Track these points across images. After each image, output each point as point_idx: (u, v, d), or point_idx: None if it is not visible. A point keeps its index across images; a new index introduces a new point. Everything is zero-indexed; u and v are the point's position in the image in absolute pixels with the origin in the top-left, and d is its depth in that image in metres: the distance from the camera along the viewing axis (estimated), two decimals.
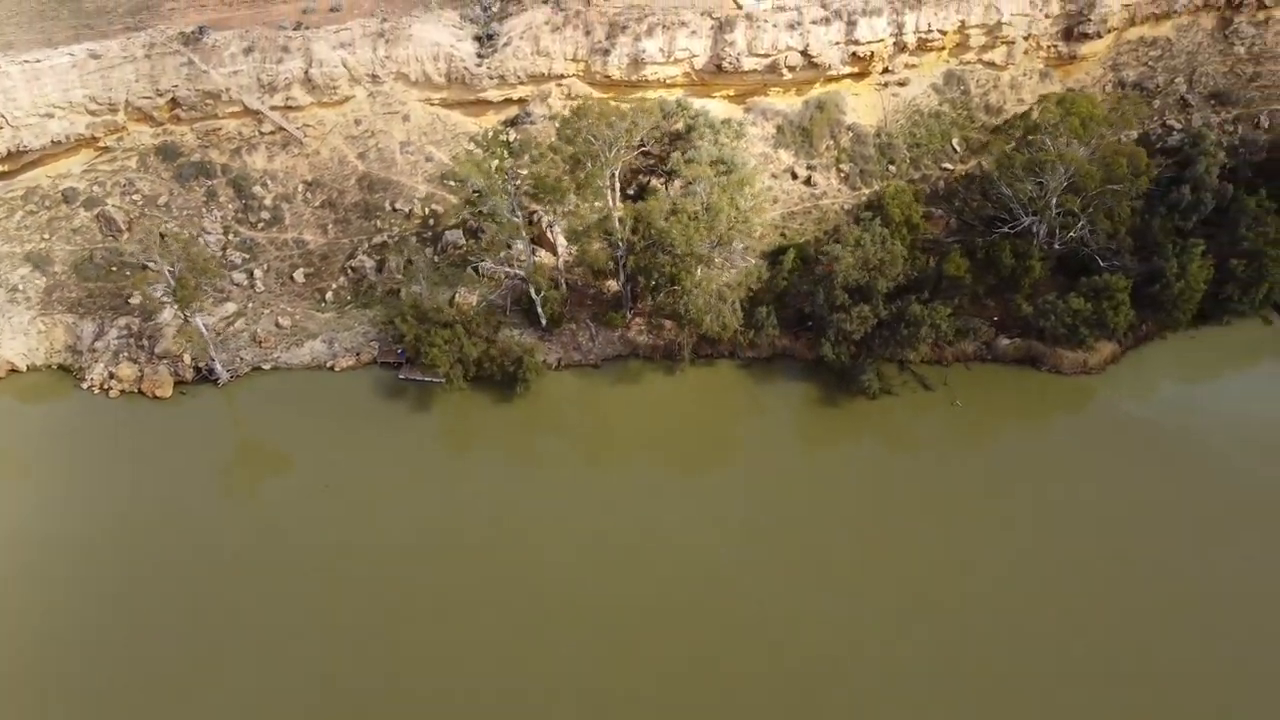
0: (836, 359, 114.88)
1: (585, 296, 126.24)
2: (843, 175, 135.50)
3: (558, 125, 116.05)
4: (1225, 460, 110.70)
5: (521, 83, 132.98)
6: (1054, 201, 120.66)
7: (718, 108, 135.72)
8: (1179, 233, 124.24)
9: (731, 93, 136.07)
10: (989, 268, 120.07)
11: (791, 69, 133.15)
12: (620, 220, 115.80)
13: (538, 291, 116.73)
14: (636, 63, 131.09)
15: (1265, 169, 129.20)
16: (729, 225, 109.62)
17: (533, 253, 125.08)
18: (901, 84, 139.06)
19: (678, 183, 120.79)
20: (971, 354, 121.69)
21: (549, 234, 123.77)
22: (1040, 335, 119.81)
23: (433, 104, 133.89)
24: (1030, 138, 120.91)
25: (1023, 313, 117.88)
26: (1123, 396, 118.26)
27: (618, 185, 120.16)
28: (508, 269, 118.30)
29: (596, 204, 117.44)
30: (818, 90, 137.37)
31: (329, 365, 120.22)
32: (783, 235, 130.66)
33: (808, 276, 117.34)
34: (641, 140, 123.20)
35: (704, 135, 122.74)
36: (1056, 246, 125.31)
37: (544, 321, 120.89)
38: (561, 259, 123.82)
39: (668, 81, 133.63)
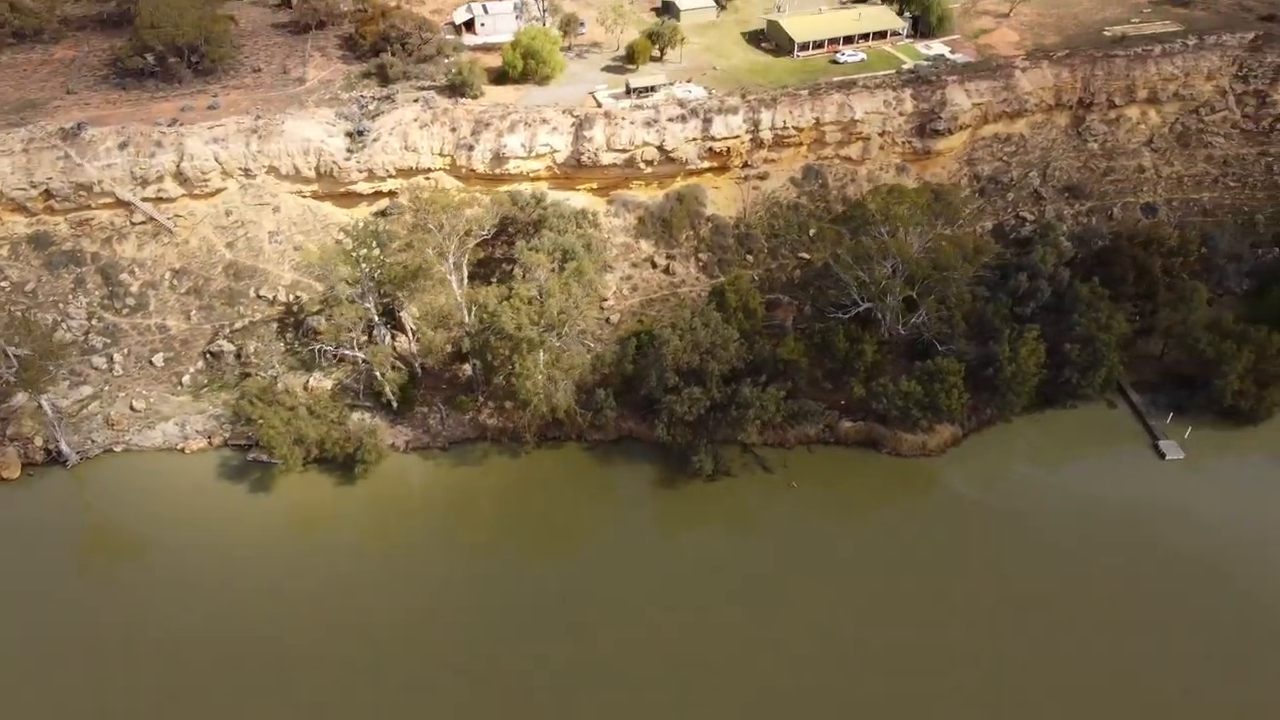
0: (672, 440, 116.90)
1: (440, 380, 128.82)
2: (701, 264, 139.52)
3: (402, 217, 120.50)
4: (1050, 544, 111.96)
5: (391, 176, 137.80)
6: (895, 288, 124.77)
7: (581, 200, 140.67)
8: (1017, 319, 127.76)
9: (594, 185, 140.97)
10: (826, 352, 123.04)
11: (649, 163, 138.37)
12: (465, 306, 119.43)
13: (382, 375, 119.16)
14: (499, 157, 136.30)
15: (1102, 257, 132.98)
16: (560, 311, 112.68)
17: (392, 338, 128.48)
18: (761, 177, 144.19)
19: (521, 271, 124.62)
20: (814, 437, 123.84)
21: (402, 320, 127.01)
22: (882, 419, 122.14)
23: (304, 196, 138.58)
24: (860, 228, 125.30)
25: (856, 396, 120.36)
26: (957, 480, 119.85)
27: (465, 272, 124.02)
28: (352, 353, 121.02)
29: (446, 292, 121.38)
30: (679, 183, 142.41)
31: (180, 447, 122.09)
32: (640, 321, 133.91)
33: (642, 360, 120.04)
34: (491, 230, 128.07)
35: (553, 226, 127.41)
36: (902, 332, 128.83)
37: (394, 405, 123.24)
38: (414, 344, 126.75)
39: (531, 175, 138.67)
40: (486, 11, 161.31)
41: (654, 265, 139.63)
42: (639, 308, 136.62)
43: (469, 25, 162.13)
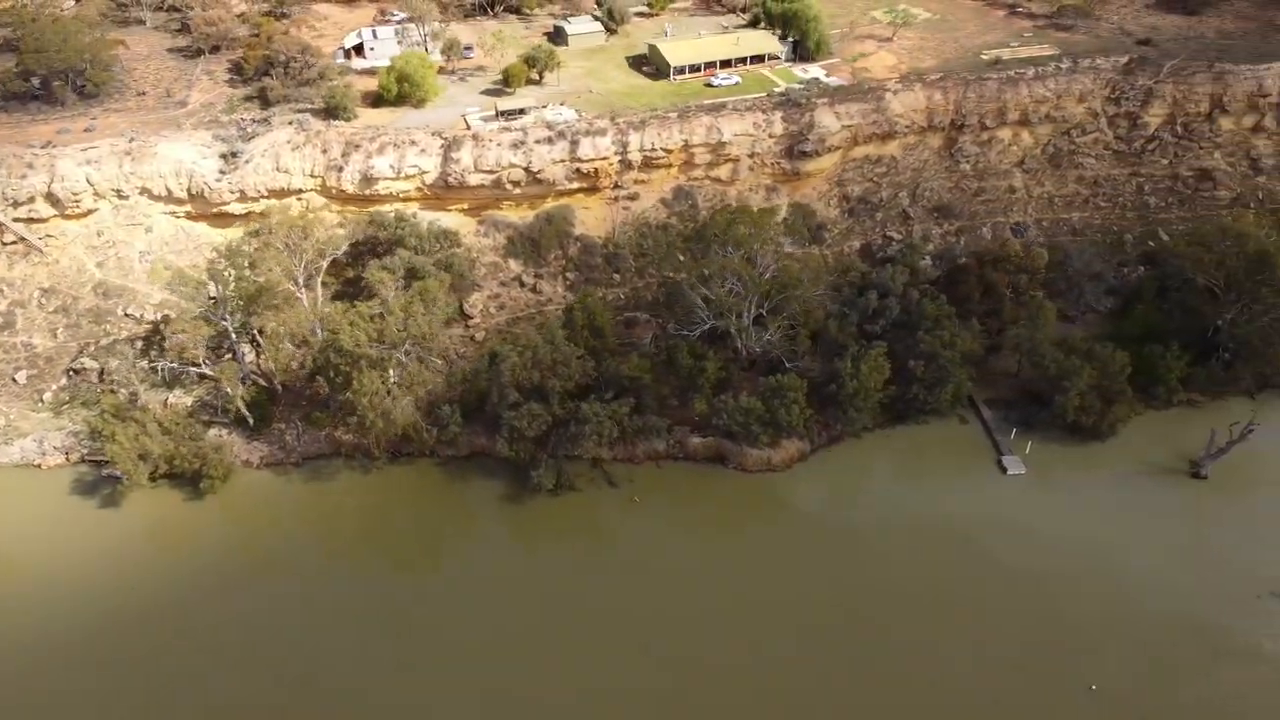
0: (516, 456, 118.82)
1: (301, 397, 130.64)
2: (569, 283, 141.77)
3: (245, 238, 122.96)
4: (883, 557, 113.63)
5: (264, 196, 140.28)
6: (747, 307, 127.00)
7: (452, 220, 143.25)
8: (866, 336, 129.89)
9: (465, 206, 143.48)
10: (672, 369, 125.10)
11: (516, 184, 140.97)
12: (318, 325, 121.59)
13: (231, 392, 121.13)
14: (368, 178, 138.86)
15: (952, 276, 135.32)
16: (400, 329, 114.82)
17: (257, 355, 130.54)
18: (632, 198, 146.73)
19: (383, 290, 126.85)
20: (663, 453, 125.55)
21: (259, 338, 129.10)
22: (730, 435, 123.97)
23: (178, 216, 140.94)
24: (707, 248, 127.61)
25: (699, 412, 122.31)
26: (798, 495, 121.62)
27: (319, 291, 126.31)
28: (199, 370, 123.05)
29: (300, 311, 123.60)
30: (550, 204, 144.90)
31: (37, 463, 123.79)
32: (504, 339, 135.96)
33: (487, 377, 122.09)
34: (346, 250, 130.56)
35: (410, 245, 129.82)
36: (756, 349, 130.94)
37: (251, 422, 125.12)
38: (271, 362, 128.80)
39: (401, 196, 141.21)
40: (376, 36, 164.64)
41: (522, 284, 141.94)
42: (505, 325, 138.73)
43: (358, 50, 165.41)
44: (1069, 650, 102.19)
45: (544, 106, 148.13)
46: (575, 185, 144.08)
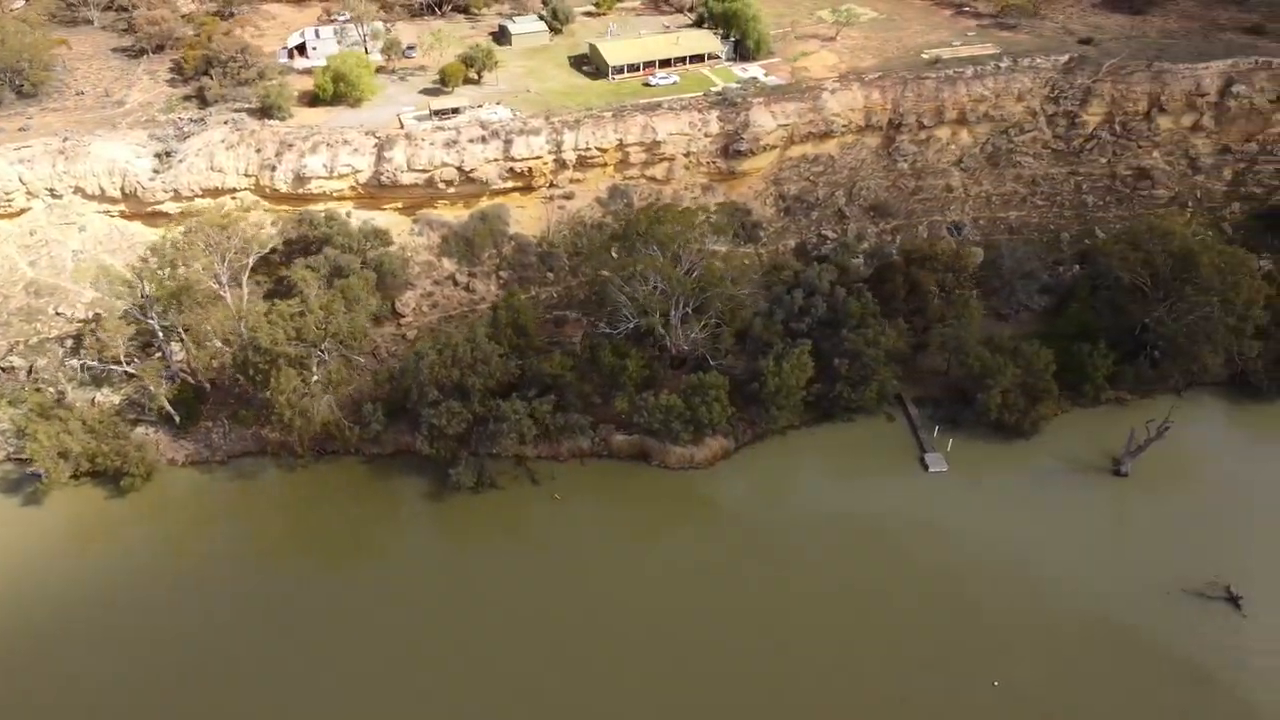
0: (436, 454, 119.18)
1: (229, 395, 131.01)
2: (502, 282, 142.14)
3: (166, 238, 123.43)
4: (798, 553, 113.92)
5: (198, 196, 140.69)
6: (675, 305, 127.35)
7: (386, 219, 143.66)
8: (793, 334, 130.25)
9: (399, 205, 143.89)
10: (595, 367, 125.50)
11: (449, 183, 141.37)
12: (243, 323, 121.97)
13: (154, 390, 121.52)
14: (301, 177, 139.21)
15: (879, 274, 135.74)
16: (318, 326, 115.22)
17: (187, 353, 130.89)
18: (567, 197, 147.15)
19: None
20: (587, 450, 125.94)
21: (185, 337, 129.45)
22: (653, 432, 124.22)
23: (112, 215, 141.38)
24: (632, 247, 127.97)
25: (620, 410, 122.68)
26: (719, 491, 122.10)
27: (245, 290, 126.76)
28: (126, 369, 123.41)
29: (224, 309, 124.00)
30: (485, 203, 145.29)
31: None
32: (435, 338, 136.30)
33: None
34: (275, 248, 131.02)
35: (338, 244, 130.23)
36: (685, 348, 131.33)
37: (177, 420, 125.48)
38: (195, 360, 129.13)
39: (335, 195, 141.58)
40: (318, 36, 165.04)
41: (455, 283, 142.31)
42: (437, 324, 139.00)
43: (301, 49, 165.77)
44: (979, 648, 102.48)
45: (479, 106, 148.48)
46: (510, 184, 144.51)
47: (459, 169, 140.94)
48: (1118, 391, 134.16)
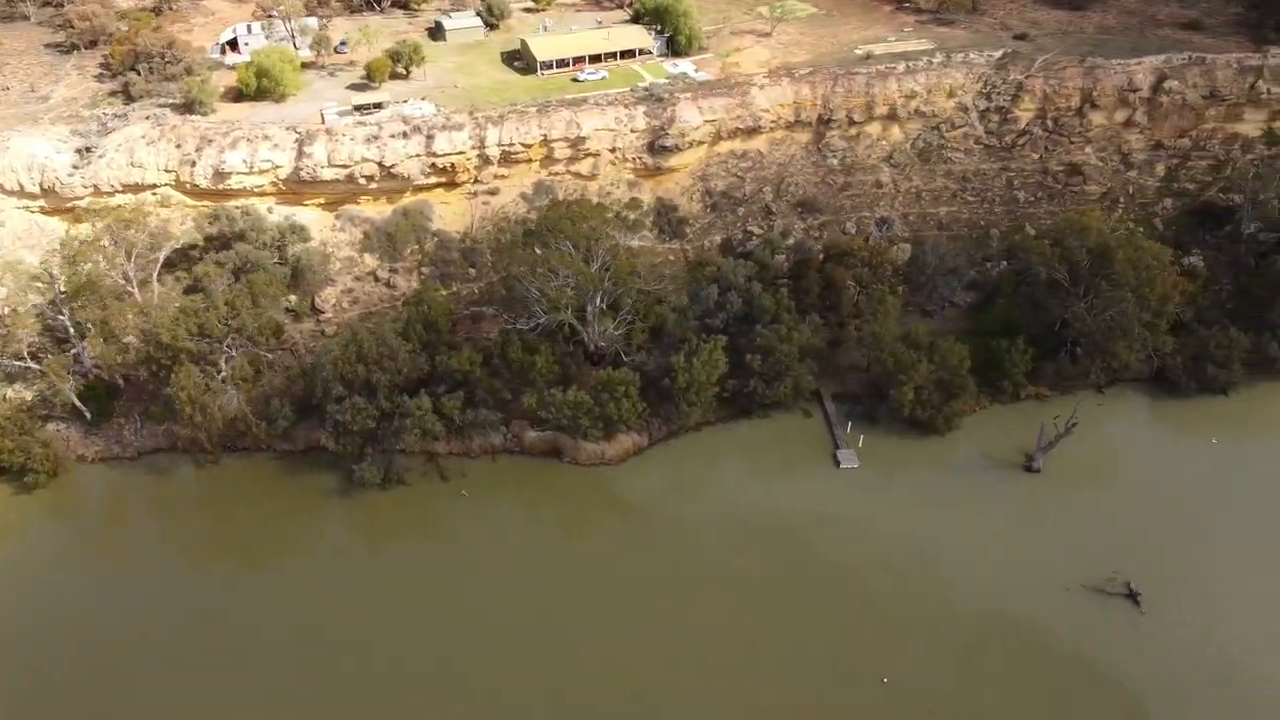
0: (342, 450, 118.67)
1: (144, 392, 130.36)
2: (424, 278, 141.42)
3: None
4: (707, 550, 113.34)
5: (119, 191, 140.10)
6: (591, 301, 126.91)
7: (309, 215, 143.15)
8: (708, 330, 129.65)
9: (322, 201, 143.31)
10: (504, 363, 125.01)
11: (369, 179, 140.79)
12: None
13: (61, 386, 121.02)
14: (220, 173, 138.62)
15: (794, 270, 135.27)
16: (222, 323, 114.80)
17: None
18: (492, 193, 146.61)
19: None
20: (499, 446, 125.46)
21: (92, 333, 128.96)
22: (565, 429, 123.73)
23: (31, 211, 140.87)
24: (543, 243, 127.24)
25: (527, 406, 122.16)
26: (627, 488, 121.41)
27: (155, 285, 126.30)
28: (29, 365, 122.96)
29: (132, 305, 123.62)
30: (408, 199, 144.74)
31: None
32: (355, 335, 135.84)
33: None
34: (197, 245, 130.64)
35: (252, 240, 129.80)
36: (602, 344, 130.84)
37: (88, 416, 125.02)
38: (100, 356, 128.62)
39: (256, 190, 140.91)
40: (250, 31, 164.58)
41: (376, 279, 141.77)
42: (357, 320, 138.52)
43: (233, 45, 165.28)
44: (873, 645, 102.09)
45: (404, 101, 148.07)
46: (433, 180, 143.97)
47: (380, 165, 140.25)
48: (1038, 388, 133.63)
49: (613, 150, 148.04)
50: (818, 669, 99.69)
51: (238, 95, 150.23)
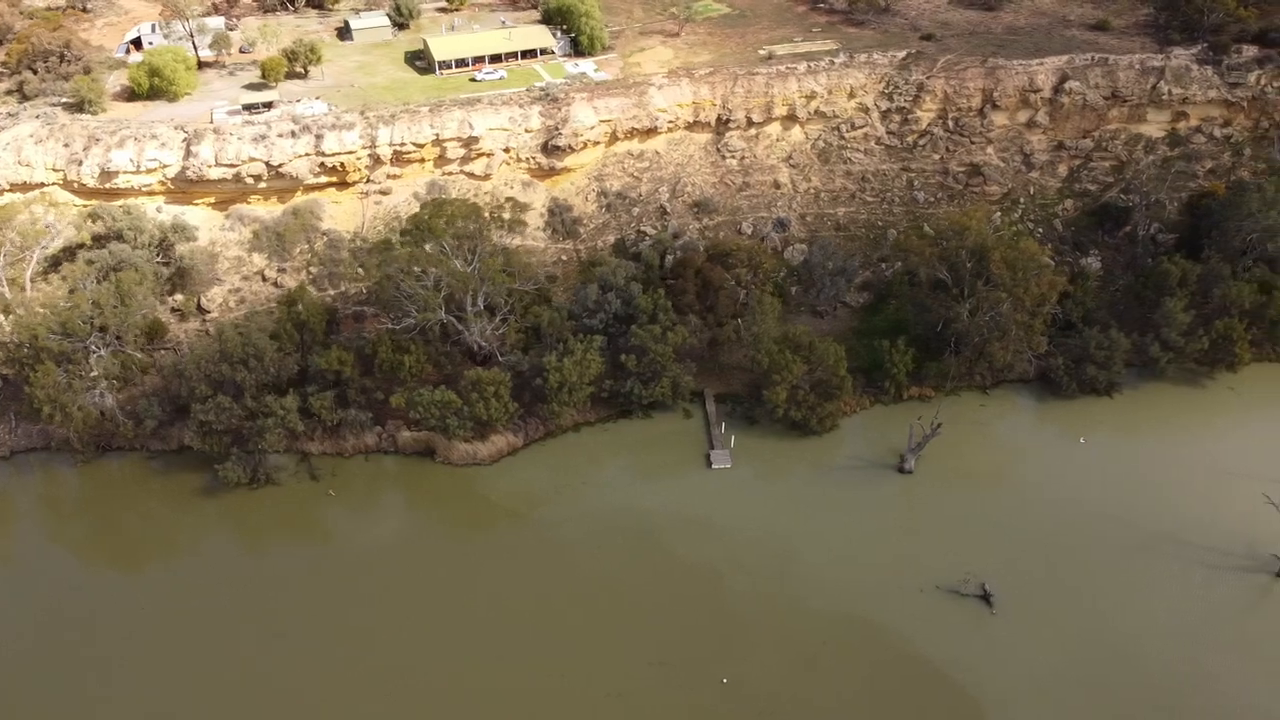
0: (209, 449, 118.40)
1: (20, 391, 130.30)
2: (312, 277, 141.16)
3: None
4: (568, 550, 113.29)
5: (6, 190, 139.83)
6: (471, 300, 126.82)
7: (198, 214, 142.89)
8: (587, 330, 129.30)
9: (213, 200, 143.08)
10: (377, 363, 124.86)
11: (257, 179, 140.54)
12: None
13: None
14: (107, 172, 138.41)
15: (673, 271, 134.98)
16: (85, 322, 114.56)
17: None
18: (385, 193, 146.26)
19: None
20: (373, 445, 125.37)
21: None
22: (434, 428, 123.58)
23: None
24: (419, 241, 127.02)
25: (395, 405, 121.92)
26: (494, 488, 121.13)
27: (28, 283, 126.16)
28: None
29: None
30: (299, 198, 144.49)
31: None
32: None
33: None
34: (85, 243, 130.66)
35: (129, 239, 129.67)
36: (483, 344, 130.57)
37: None
38: None
39: (144, 189, 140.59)
40: (154, 30, 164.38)
41: (264, 278, 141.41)
42: (244, 320, 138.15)
43: (138, 44, 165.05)
44: (719, 644, 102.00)
45: (296, 101, 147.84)
46: (324, 180, 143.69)
47: (267, 164, 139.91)
48: (922, 388, 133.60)
49: (507, 150, 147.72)
50: (658, 670, 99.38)
51: (131, 95, 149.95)
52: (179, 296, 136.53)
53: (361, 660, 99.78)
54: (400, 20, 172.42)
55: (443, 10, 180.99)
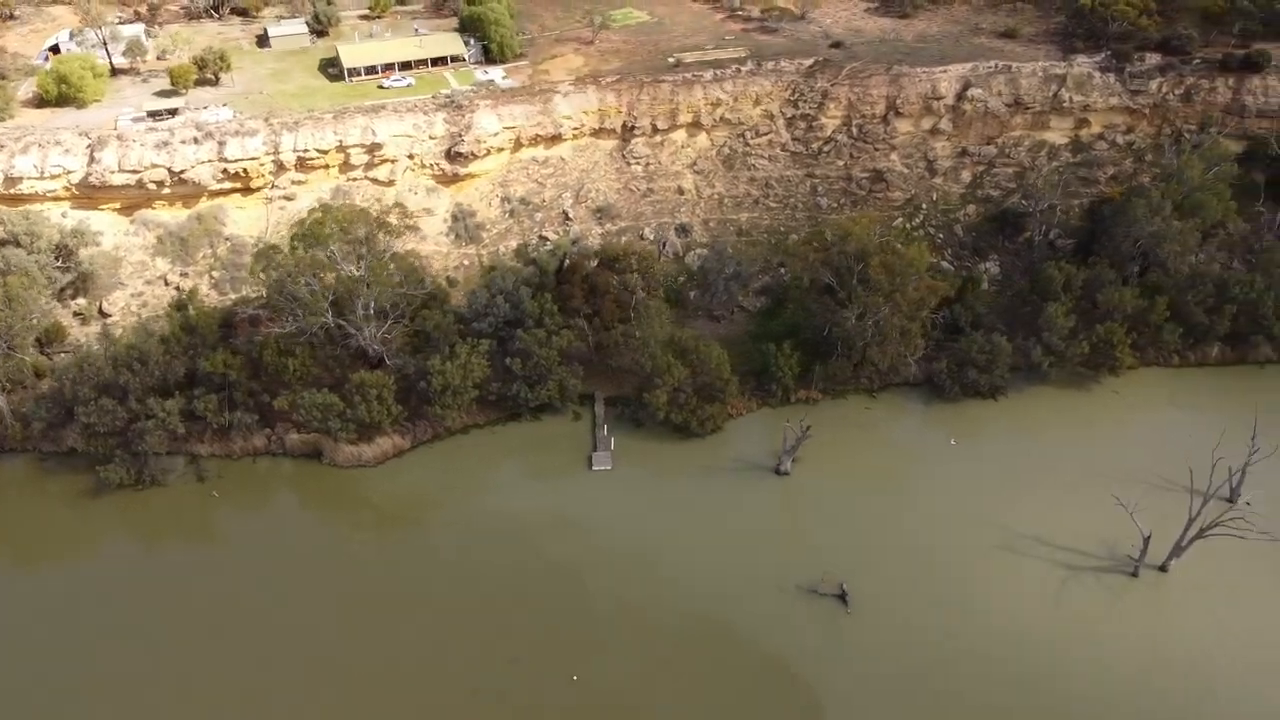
0: (91, 450, 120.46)
1: None
2: (214, 282, 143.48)
3: None
4: (440, 551, 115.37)
5: None
6: (360, 304, 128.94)
7: (104, 219, 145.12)
8: (475, 334, 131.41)
9: (119, 205, 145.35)
10: (262, 366, 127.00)
11: (160, 184, 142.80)
12: None
13: None
14: (10, 178, 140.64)
15: (561, 276, 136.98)
16: None
17: None
18: (289, 198, 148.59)
19: None
20: (261, 447, 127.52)
21: None
22: (319, 430, 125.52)
23: None
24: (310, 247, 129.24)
25: (279, 407, 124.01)
26: (376, 490, 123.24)
27: None
28: None
29: None
30: (204, 203, 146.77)
31: None
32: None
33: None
34: None
35: (23, 244, 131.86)
36: (376, 347, 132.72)
37: None
38: None
39: (49, 195, 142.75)
40: (71, 38, 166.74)
41: (166, 283, 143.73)
42: (144, 323, 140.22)
43: (56, 51, 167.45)
44: (576, 644, 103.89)
45: (203, 108, 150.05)
46: (228, 186, 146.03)
47: (169, 170, 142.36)
48: (810, 391, 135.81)
49: (411, 156, 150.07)
50: (510, 668, 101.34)
51: (41, 102, 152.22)
52: (81, 301, 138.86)
53: (228, 658, 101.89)
54: (319, 28, 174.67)
55: (365, 17, 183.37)
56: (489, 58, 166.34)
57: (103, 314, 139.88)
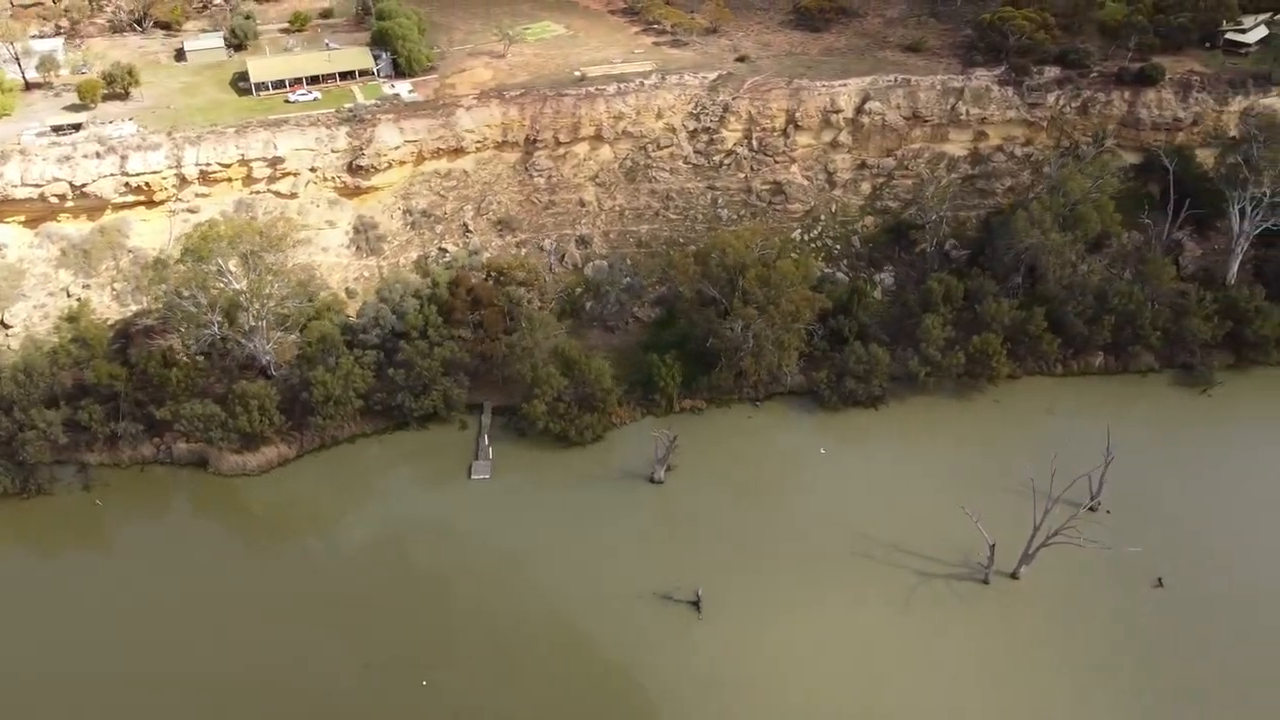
0: None
1: None
2: (116, 294, 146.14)
3: None
4: (308, 558, 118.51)
5: None
6: (251, 317, 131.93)
7: (7, 232, 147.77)
8: (361, 345, 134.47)
9: (23, 218, 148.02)
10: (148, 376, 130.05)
11: (62, 198, 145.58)
12: None
13: None
14: None
15: (449, 289, 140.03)
16: None
17: None
18: (192, 211, 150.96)
19: None
20: (150, 456, 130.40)
21: None
22: (201, 439, 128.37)
23: None
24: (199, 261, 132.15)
25: (161, 418, 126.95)
26: (254, 498, 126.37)
27: None
28: None
29: None
30: (108, 216, 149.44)
31: None
32: (36, 349, 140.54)
33: None
34: None
35: None
36: (269, 358, 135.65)
37: None
38: None
39: None
40: None
41: (69, 295, 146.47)
42: (44, 337, 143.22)
43: None
44: (430, 649, 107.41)
45: (108, 122, 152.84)
46: (131, 199, 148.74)
47: (71, 184, 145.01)
48: (694, 401, 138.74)
49: (313, 170, 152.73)
50: (362, 672, 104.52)
51: None
52: None
53: (92, 666, 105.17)
54: (236, 42, 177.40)
55: (285, 31, 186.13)
56: (399, 71, 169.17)
57: (4, 325, 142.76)
